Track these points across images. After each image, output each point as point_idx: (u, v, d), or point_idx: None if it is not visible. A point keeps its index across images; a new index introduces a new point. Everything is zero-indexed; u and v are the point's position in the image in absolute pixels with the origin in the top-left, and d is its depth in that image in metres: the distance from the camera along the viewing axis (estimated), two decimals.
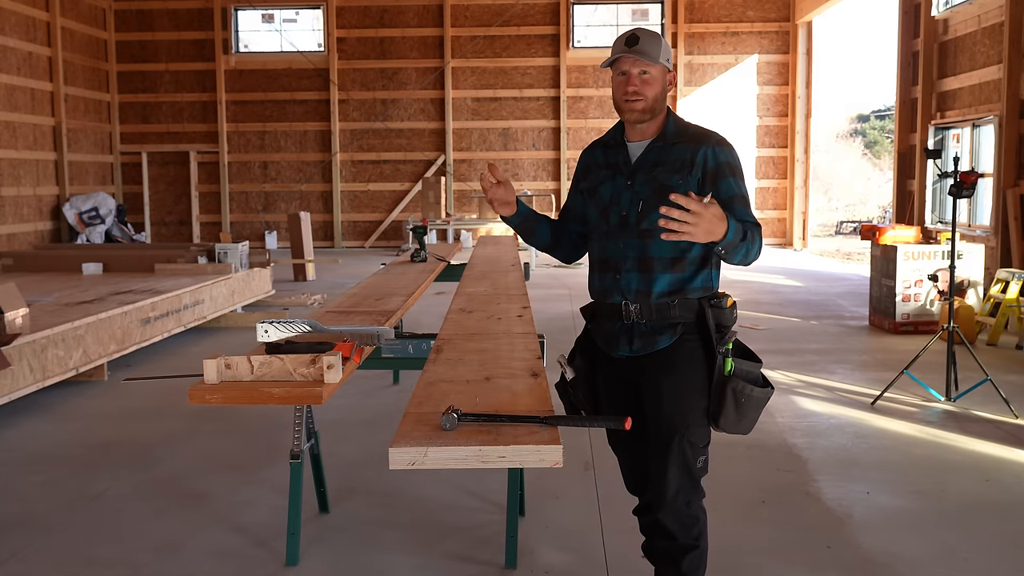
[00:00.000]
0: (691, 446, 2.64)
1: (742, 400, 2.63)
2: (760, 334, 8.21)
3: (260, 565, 3.47)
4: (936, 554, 3.53)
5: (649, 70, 2.70)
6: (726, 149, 2.72)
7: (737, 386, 2.62)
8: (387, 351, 4.24)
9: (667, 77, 2.76)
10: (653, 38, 2.73)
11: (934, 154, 5.97)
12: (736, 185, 2.69)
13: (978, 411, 5.51)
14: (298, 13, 17.64)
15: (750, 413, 2.67)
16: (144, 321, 6.89)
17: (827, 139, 33.14)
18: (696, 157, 2.70)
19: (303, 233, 12.51)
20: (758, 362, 2.74)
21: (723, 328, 2.68)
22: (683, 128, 2.79)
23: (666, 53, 2.74)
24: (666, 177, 2.70)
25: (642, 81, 2.71)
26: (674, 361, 2.67)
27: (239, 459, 4.73)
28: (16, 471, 4.62)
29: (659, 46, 2.72)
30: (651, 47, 2.70)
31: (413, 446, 2.27)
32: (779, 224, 17.62)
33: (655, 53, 2.70)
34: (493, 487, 4.13)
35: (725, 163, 2.69)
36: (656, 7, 17.29)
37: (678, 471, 2.64)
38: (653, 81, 2.71)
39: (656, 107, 2.74)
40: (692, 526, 2.69)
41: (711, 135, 2.77)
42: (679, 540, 2.69)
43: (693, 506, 2.69)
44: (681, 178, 2.68)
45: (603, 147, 2.90)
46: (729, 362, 2.63)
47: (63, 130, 15.21)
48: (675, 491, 2.65)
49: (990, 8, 10.73)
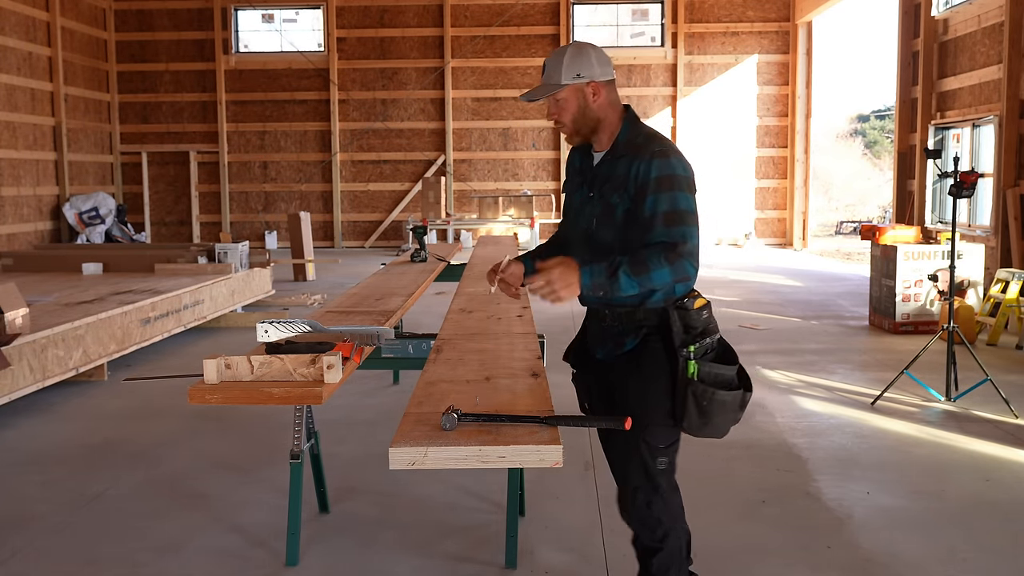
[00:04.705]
0: (649, 447, 2.63)
1: (704, 403, 2.58)
2: (760, 334, 8.21)
3: (260, 565, 3.47)
4: (936, 554, 3.52)
5: (558, 95, 2.69)
6: (660, 161, 2.60)
7: (698, 389, 2.58)
8: (387, 351, 4.24)
9: (587, 90, 2.68)
10: (556, 60, 2.69)
11: (934, 154, 5.96)
12: (663, 201, 2.57)
13: (978, 411, 5.51)
14: (298, 13, 17.64)
15: (715, 417, 2.60)
16: (144, 321, 6.89)
17: (827, 139, 33.13)
18: (630, 171, 2.63)
19: (303, 233, 12.51)
20: (732, 364, 2.66)
21: (691, 329, 2.63)
22: (631, 138, 2.70)
23: (575, 68, 2.66)
24: (610, 194, 2.68)
25: (557, 108, 2.71)
26: (638, 363, 2.69)
27: (239, 459, 4.73)
28: (16, 471, 4.62)
29: (560, 66, 2.67)
30: (553, 71, 2.69)
31: (413, 446, 2.27)
32: (779, 224, 17.62)
33: (557, 76, 2.67)
34: (493, 487, 4.13)
35: (654, 178, 2.58)
36: (656, 7, 17.29)
37: (636, 471, 2.65)
38: (566, 103, 2.69)
39: (582, 125, 2.72)
40: (655, 527, 2.67)
41: (648, 146, 2.64)
42: (643, 541, 2.70)
43: (654, 507, 2.65)
44: (619, 196, 2.65)
45: (580, 153, 2.88)
46: (692, 365, 2.58)
47: (63, 130, 15.21)
48: (633, 491, 2.66)
49: (990, 8, 10.73)
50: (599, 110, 2.70)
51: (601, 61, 2.70)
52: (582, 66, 2.67)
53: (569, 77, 2.66)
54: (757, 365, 6.90)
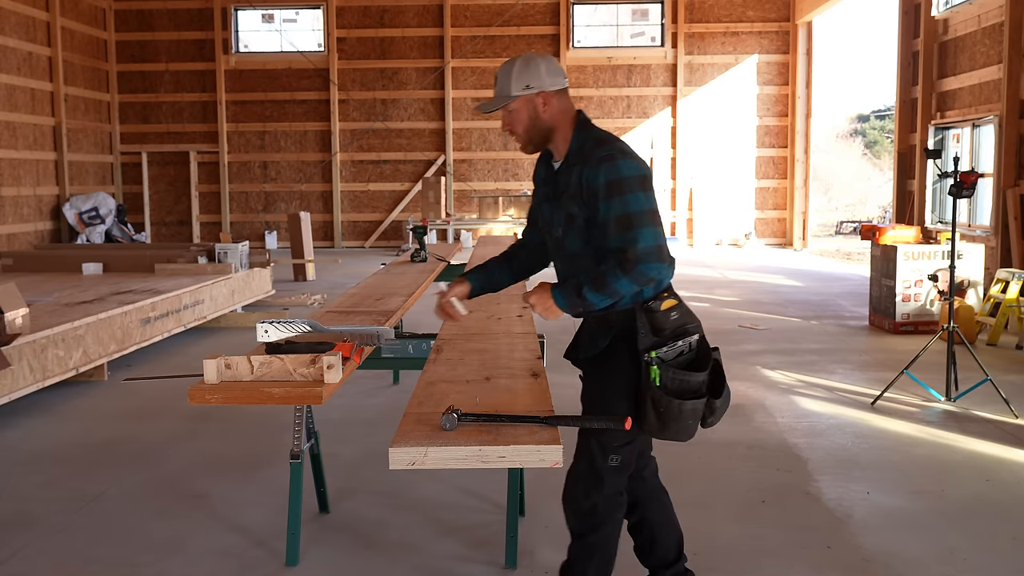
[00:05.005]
0: (600, 445, 2.70)
1: (661, 410, 2.61)
2: (760, 334, 8.21)
3: (260, 565, 3.47)
4: (936, 554, 3.53)
5: (510, 106, 2.73)
6: (607, 166, 2.60)
7: (655, 395, 2.60)
8: (387, 351, 4.24)
9: (536, 100, 2.71)
10: (506, 72, 2.73)
11: (934, 154, 5.96)
12: (614, 206, 2.59)
13: (978, 411, 5.51)
14: (298, 13, 17.64)
15: (673, 424, 2.62)
16: (144, 321, 6.89)
17: (827, 139, 33.12)
18: (580, 180, 2.66)
19: (303, 233, 12.51)
20: (701, 371, 2.66)
21: (660, 331, 2.66)
22: (580, 146, 2.72)
23: (523, 79, 2.70)
24: (569, 204, 2.71)
25: (510, 119, 2.76)
26: (601, 364, 2.77)
27: (239, 459, 4.73)
28: (16, 471, 4.62)
29: (510, 78, 2.71)
30: (503, 83, 2.73)
31: (413, 446, 2.27)
32: (779, 224, 17.62)
33: (507, 88, 2.72)
34: (493, 487, 4.13)
35: (604, 184, 2.60)
36: (656, 7, 17.29)
37: (583, 464, 2.74)
38: (518, 114, 2.74)
39: (535, 135, 2.76)
40: (587, 516, 2.77)
41: (593, 153, 2.65)
42: (571, 527, 2.82)
43: (591, 498, 2.74)
44: (577, 206, 2.69)
45: (542, 162, 2.91)
46: (654, 370, 2.60)
47: (63, 130, 15.21)
48: (574, 480, 2.76)
49: (990, 8, 10.73)
50: (550, 119, 2.74)
51: (551, 71, 2.73)
52: (531, 77, 2.71)
53: (519, 88, 2.71)
54: (757, 365, 6.90)
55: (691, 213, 17.49)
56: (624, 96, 17.36)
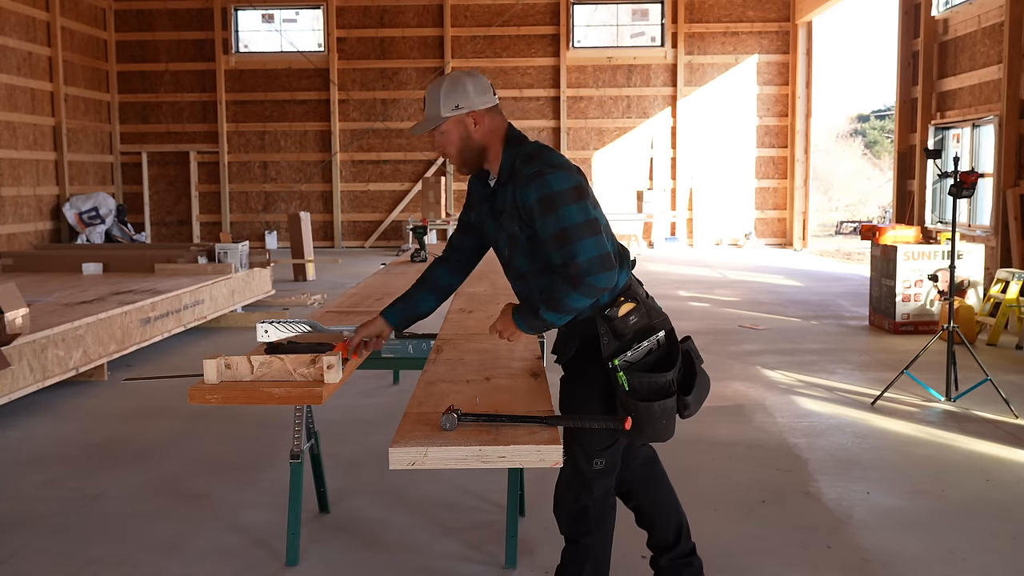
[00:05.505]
0: (582, 449, 2.72)
1: (632, 415, 2.61)
2: (760, 334, 8.21)
3: (260, 565, 3.47)
4: (936, 554, 3.53)
5: (441, 128, 2.72)
6: (537, 183, 2.58)
7: (624, 401, 2.63)
8: (387, 351, 4.25)
9: (466, 120, 2.69)
10: (434, 93, 2.70)
11: (934, 154, 5.96)
12: (549, 223, 2.56)
13: (978, 411, 5.51)
14: (298, 13, 17.64)
15: (648, 427, 2.62)
16: (144, 321, 6.89)
17: (827, 139, 33.11)
18: (515, 200, 2.65)
19: (303, 233, 12.51)
20: (668, 369, 2.67)
21: (621, 336, 2.67)
22: (511, 164, 2.69)
23: (451, 100, 2.67)
24: (509, 225, 2.71)
25: (442, 140, 2.74)
26: (574, 369, 2.81)
27: (239, 459, 4.73)
28: (16, 471, 4.62)
29: (436, 101, 2.68)
30: (432, 105, 2.71)
31: (413, 446, 2.27)
32: (779, 224, 17.62)
33: (436, 109, 2.69)
34: (493, 487, 4.13)
35: (536, 202, 2.57)
36: (656, 7, 17.29)
37: (568, 470, 2.75)
38: (449, 135, 2.72)
39: (468, 155, 2.73)
40: (578, 521, 2.79)
41: (524, 171, 2.62)
42: (564, 532, 2.85)
43: (582, 501, 2.76)
44: (517, 226, 2.68)
45: (477, 180, 2.88)
46: (621, 376, 2.62)
47: (63, 130, 15.21)
48: (563, 487, 2.80)
49: (990, 8, 10.73)
50: (483, 139, 2.72)
51: (479, 89, 2.70)
52: (460, 97, 2.68)
53: (448, 109, 2.68)
54: (757, 365, 6.90)
55: (691, 213, 17.50)
56: (624, 96, 17.37)
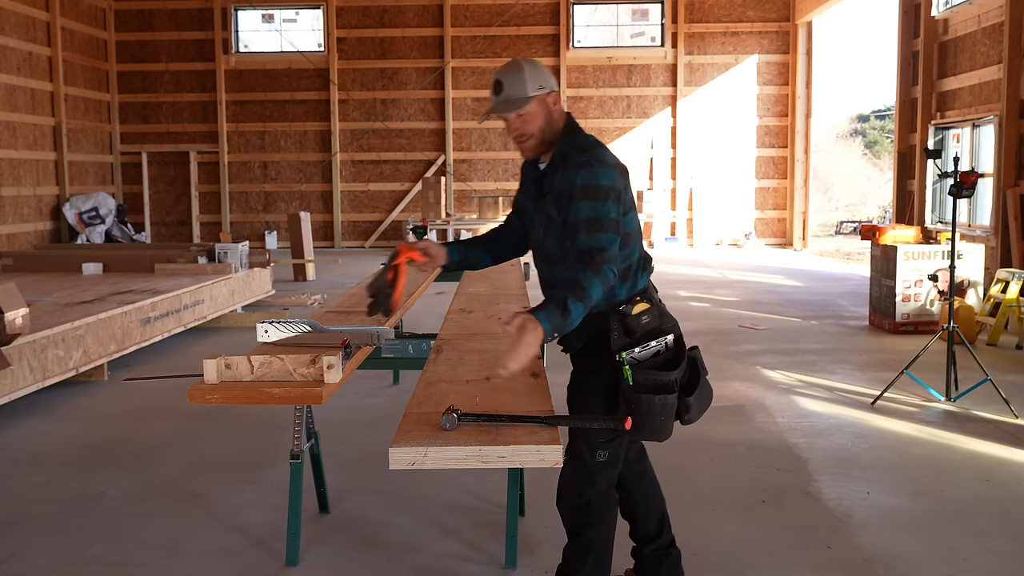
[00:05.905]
0: (588, 443, 2.76)
1: (632, 408, 2.64)
2: (760, 334, 8.21)
3: (260, 565, 3.47)
4: (936, 554, 3.53)
5: (523, 109, 2.74)
6: (585, 171, 2.66)
7: (627, 394, 2.65)
8: (387, 351, 4.24)
9: (548, 100, 2.75)
10: (515, 76, 2.73)
11: (934, 154, 5.96)
12: (584, 208, 2.63)
13: (978, 411, 5.51)
14: (298, 13, 17.64)
15: (647, 422, 2.65)
16: (144, 321, 6.89)
17: (827, 139, 33.12)
18: (562, 183, 2.71)
19: (303, 233, 12.51)
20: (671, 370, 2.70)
21: (632, 333, 2.71)
22: (565, 150, 2.76)
23: (536, 80, 2.73)
24: (549, 208, 2.75)
25: (522, 122, 2.76)
26: (580, 363, 2.86)
27: (239, 459, 4.73)
28: (16, 471, 4.62)
29: (522, 81, 2.72)
30: (515, 88, 2.73)
31: (413, 446, 2.27)
32: (779, 224, 17.62)
33: (521, 91, 2.72)
34: (493, 487, 4.13)
35: (579, 186, 2.65)
36: (656, 7, 17.29)
37: (572, 464, 2.79)
38: (533, 117, 2.75)
39: (548, 135, 2.78)
40: (581, 513, 2.81)
41: (574, 158, 2.71)
42: (567, 525, 2.87)
43: (585, 495, 2.79)
44: (555, 207, 2.73)
45: (531, 163, 2.93)
46: (627, 370, 2.66)
47: (63, 130, 15.21)
48: (567, 481, 2.83)
49: (990, 8, 10.73)
50: (560, 119, 2.79)
51: (550, 73, 2.81)
52: (543, 78, 2.76)
53: (534, 89, 2.73)
54: (757, 365, 6.90)
55: (691, 213, 17.49)
56: (624, 96, 17.36)
